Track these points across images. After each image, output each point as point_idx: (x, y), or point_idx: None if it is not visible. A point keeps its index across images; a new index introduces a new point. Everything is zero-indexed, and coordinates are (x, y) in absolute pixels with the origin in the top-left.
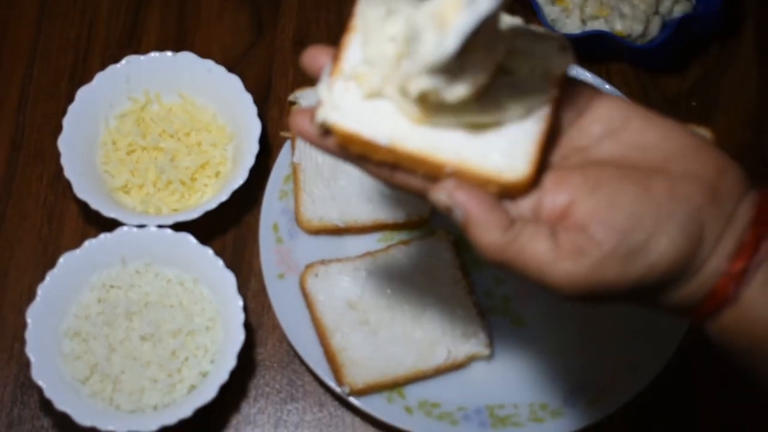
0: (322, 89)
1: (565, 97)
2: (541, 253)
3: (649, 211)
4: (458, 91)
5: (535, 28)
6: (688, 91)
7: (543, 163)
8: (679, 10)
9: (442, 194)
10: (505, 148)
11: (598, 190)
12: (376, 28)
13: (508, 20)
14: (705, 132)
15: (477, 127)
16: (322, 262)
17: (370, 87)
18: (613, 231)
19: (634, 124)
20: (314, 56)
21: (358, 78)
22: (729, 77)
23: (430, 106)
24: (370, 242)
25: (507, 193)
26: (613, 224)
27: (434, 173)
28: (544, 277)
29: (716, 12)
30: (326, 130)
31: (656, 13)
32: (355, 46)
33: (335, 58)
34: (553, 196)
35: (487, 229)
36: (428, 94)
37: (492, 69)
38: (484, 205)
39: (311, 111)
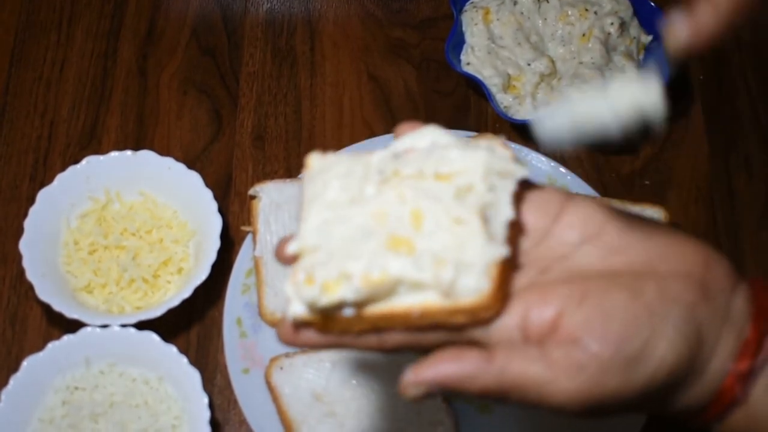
0: (287, 287)
1: (536, 204)
2: (536, 376)
3: (642, 316)
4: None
5: (457, 142)
6: (640, 170)
7: (508, 277)
8: None
9: (411, 390)
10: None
11: (587, 300)
12: (314, 204)
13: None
14: (658, 211)
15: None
16: (287, 354)
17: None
18: (608, 341)
19: (611, 228)
20: (284, 248)
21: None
22: (680, 156)
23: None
24: None
25: (478, 317)
26: (607, 334)
27: (407, 322)
28: (545, 400)
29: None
30: (301, 325)
31: None
32: (304, 224)
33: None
34: (540, 310)
35: (472, 378)
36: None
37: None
38: (450, 363)
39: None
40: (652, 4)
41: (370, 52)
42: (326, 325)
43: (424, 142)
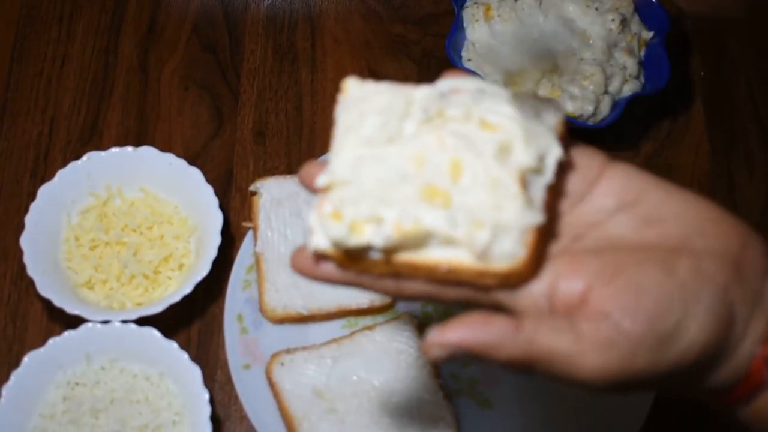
0: (311, 216)
1: (576, 166)
2: (564, 349)
3: (675, 294)
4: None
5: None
6: (641, 166)
7: (543, 244)
8: (628, 89)
9: (434, 351)
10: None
11: (619, 275)
12: (349, 137)
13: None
14: None
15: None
16: (288, 350)
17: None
18: (640, 318)
19: (649, 197)
20: (309, 173)
21: (335, 209)
22: (681, 153)
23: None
24: (335, 329)
25: (508, 282)
26: (639, 310)
27: (433, 275)
28: (572, 374)
29: (664, 90)
30: (321, 257)
31: (606, 93)
32: (337, 157)
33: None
34: (569, 282)
35: (499, 346)
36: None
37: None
38: (477, 328)
39: (304, 249)
40: (654, 0)
41: (371, 49)
42: (347, 263)
43: (472, 86)
